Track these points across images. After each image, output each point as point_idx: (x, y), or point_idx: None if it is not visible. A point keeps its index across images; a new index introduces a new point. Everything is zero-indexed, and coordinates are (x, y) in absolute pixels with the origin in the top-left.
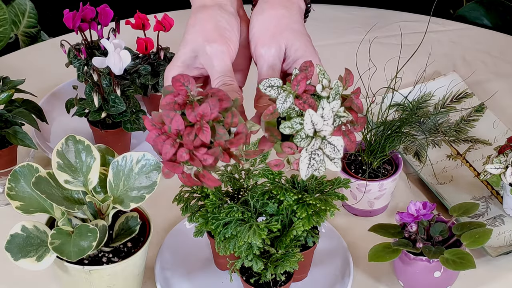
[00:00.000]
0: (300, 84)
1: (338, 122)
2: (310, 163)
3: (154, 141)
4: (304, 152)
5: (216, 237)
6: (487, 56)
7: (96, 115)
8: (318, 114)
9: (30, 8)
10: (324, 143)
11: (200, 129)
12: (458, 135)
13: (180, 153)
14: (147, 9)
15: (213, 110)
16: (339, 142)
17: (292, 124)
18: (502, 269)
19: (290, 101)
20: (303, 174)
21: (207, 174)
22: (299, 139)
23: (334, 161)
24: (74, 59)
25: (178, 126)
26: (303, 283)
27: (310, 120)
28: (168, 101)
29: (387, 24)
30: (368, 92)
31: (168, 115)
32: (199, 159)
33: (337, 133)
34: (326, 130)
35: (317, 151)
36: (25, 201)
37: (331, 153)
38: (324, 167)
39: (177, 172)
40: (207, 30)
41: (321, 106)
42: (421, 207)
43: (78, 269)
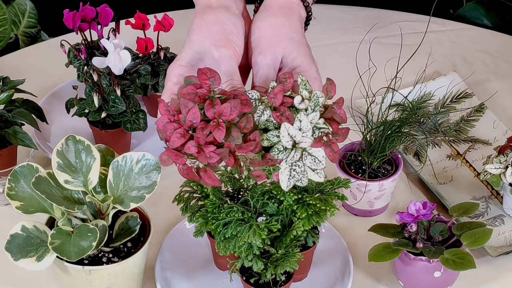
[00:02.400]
0: (277, 97)
1: (318, 133)
2: (290, 174)
3: (164, 127)
4: (284, 164)
5: (216, 237)
6: (487, 56)
7: (96, 115)
8: (295, 127)
9: (30, 8)
10: (304, 154)
11: (216, 127)
12: (458, 135)
13: (188, 145)
14: (147, 9)
15: (233, 112)
16: (319, 153)
17: (269, 137)
18: (502, 269)
19: (267, 114)
20: (283, 185)
21: (209, 172)
22: (276, 151)
23: (317, 172)
24: (74, 59)
25: (194, 118)
26: (303, 283)
27: (287, 133)
28: (189, 91)
29: (387, 24)
30: (368, 92)
31: (187, 105)
32: (206, 156)
33: (317, 144)
34: (306, 142)
35: (298, 162)
36: (25, 201)
37: (311, 164)
38: (306, 178)
39: (179, 163)
40: (214, 33)
41: (298, 118)
42: (421, 207)
43: (78, 269)
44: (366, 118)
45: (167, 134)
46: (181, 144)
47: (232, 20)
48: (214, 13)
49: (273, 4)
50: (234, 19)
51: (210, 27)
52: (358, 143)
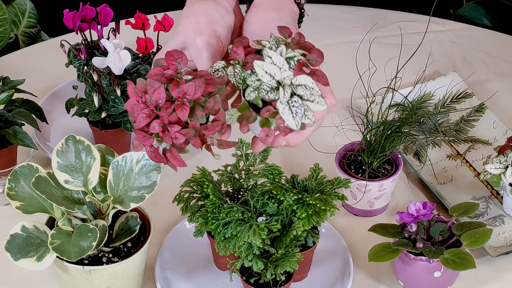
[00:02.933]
0: (239, 51)
1: (293, 63)
2: (292, 111)
3: (131, 108)
4: (280, 104)
5: (216, 237)
6: (487, 56)
7: (96, 115)
8: (268, 62)
9: (30, 8)
10: (294, 88)
11: (180, 106)
12: (458, 135)
13: (153, 125)
14: (147, 9)
15: (197, 91)
16: (307, 80)
17: (251, 84)
18: (502, 269)
19: (238, 71)
20: (292, 124)
21: (174, 153)
22: (264, 92)
23: (316, 101)
24: (74, 59)
25: (159, 98)
26: (303, 283)
27: (263, 71)
28: (156, 72)
29: (387, 24)
30: (368, 92)
31: (152, 85)
32: (171, 136)
33: (299, 72)
34: (287, 75)
35: (292, 98)
36: (25, 201)
37: (305, 93)
38: (310, 110)
39: (146, 144)
40: (199, 23)
41: (266, 55)
42: (421, 207)
43: (78, 269)
44: (366, 118)
45: (134, 115)
46: (147, 124)
47: (220, 12)
48: (202, 5)
49: (263, 1)
50: (222, 11)
51: (197, 17)
52: (358, 143)
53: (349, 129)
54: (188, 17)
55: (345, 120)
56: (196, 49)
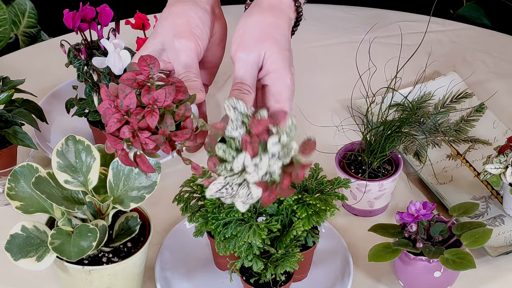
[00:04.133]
0: (259, 127)
1: (267, 178)
2: (221, 189)
3: (104, 112)
4: (221, 179)
5: (216, 237)
6: (487, 56)
7: (96, 115)
8: (253, 162)
9: (30, 8)
10: (243, 185)
11: (150, 113)
12: (458, 135)
13: (123, 130)
14: (147, 9)
15: (168, 98)
16: (257, 192)
17: (226, 152)
18: (502, 269)
19: (240, 132)
20: (208, 193)
21: (144, 159)
22: (222, 168)
23: (243, 203)
24: (74, 59)
25: (130, 104)
26: (303, 283)
27: (242, 161)
28: (128, 77)
29: (387, 24)
30: (368, 92)
31: (124, 90)
32: (140, 141)
33: (261, 185)
34: (253, 177)
35: (234, 185)
36: (25, 201)
37: (243, 196)
38: (231, 201)
39: (117, 148)
40: (177, 25)
41: (260, 156)
42: (421, 207)
43: (78, 269)
44: (366, 118)
45: (106, 119)
46: (117, 128)
47: (198, 14)
48: (181, 6)
49: (264, 2)
50: (201, 13)
51: (175, 19)
52: (358, 143)
53: (349, 129)
54: (166, 19)
55: (345, 120)
56: (174, 51)
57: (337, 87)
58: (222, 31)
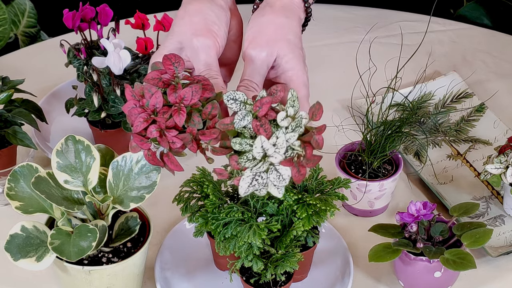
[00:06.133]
0: (263, 107)
1: (290, 153)
2: (251, 183)
3: (129, 112)
4: (248, 172)
5: (216, 237)
6: (487, 56)
7: (96, 115)
8: (271, 142)
9: (29, 8)
10: (271, 169)
11: (177, 111)
12: (458, 135)
13: (150, 129)
14: (147, 9)
15: (194, 96)
16: (286, 172)
17: (242, 143)
18: (502, 269)
19: (248, 120)
20: (241, 191)
21: (171, 157)
22: (245, 159)
23: (278, 188)
24: (73, 59)
25: (156, 103)
26: (303, 283)
27: (260, 145)
28: (153, 76)
29: (387, 24)
30: (368, 92)
31: (150, 90)
32: (168, 140)
33: (287, 163)
34: (276, 158)
35: (262, 173)
36: (24, 201)
37: (275, 180)
38: (265, 190)
39: (144, 148)
40: (195, 23)
41: (275, 135)
42: (422, 207)
43: (78, 269)
44: (366, 118)
45: (132, 119)
46: (144, 128)
47: (215, 11)
48: (197, 4)
49: (276, 3)
50: (217, 10)
51: (192, 17)
52: (358, 143)
53: (349, 129)
54: (183, 18)
55: (345, 120)
56: (193, 50)
57: (337, 87)
58: (238, 27)
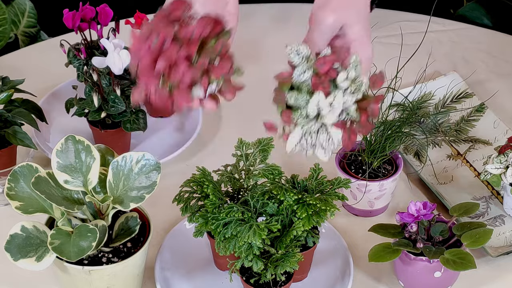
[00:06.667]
0: (325, 65)
1: (344, 117)
2: (300, 141)
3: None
4: (299, 129)
5: (216, 237)
6: (487, 56)
7: (96, 115)
8: (327, 101)
9: (29, 8)
10: (322, 129)
11: (188, 43)
12: (458, 135)
13: (159, 61)
14: (147, 9)
15: (206, 28)
16: (337, 134)
17: (298, 98)
18: (502, 269)
19: (308, 75)
20: (288, 147)
21: (181, 91)
22: (298, 114)
23: (325, 151)
24: (73, 59)
25: (166, 37)
26: (303, 283)
27: (316, 103)
28: (161, 16)
29: (387, 24)
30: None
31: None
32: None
33: (340, 125)
34: (330, 118)
35: (313, 133)
36: (24, 201)
37: (324, 141)
38: (312, 152)
39: (150, 85)
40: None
41: (334, 94)
42: (422, 207)
43: (78, 269)
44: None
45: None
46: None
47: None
48: None
49: None
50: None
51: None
52: (358, 143)
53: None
54: None
55: None
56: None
57: None
58: None
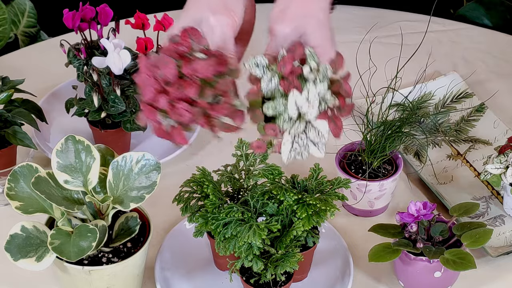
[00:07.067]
0: (286, 65)
1: (324, 106)
2: (292, 146)
3: (142, 81)
4: (287, 135)
5: (216, 237)
6: (487, 56)
7: (96, 115)
8: (303, 96)
9: (29, 7)
10: (308, 126)
11: (189, 83)
12: (458, 135)
13: (160, 99)
14: (147, 9)
15: (208, 70)
16: (323, 126)
17: (276, 105)
18: (502, 269)
19: (275, 81)
20: (284, 157)
21: (179, 130)
22: (281, 120)
23: (318, 146)
24: (73, 59)
25: (170, 73)
26: (303, 283)
27: (294, 102)
28: (170, 48)
29: (387, 24)
30: (368, 92)
31: (164, 61)
32: (177, 112)
33: (323, 117)
34: (311, 113)
35: (301, 134)
36: (24, 201)
37: (315, 137)
38: (307, 152)
39: (152, 118)
40: (211, 1)
41: (306, 88)
42: (422, 207)
43: (78, 270)
44: (366, 118)
45: (143, 88)
46: (154, 97)
47: None
48: None
49: None
50: None
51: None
52: (358, 143)
53: (349, 129)
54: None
55: (345, 120)
56: (209, 28)
57: None
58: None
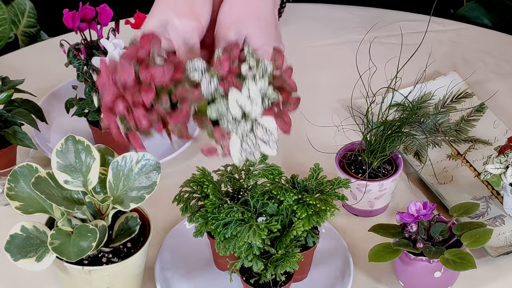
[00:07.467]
0: (223, 65)
1: (268, 103)
2: (242, 147)
3: (101, 85)
4: (234, 136)
5: (216, 237)
6: (487, 56)
7: (96, 115)
8: (244, 95)
9: (29, 7)
10: (255, 125)
11: (145, 89)
12: (458, 135)
13: (118, 104)
14: (147, 9)
15: (165, 76)
16: (271, 123)
17: (218, 107)
18: (502, 270)
19: (214, 83)
20: (235, 159)
21: (135, 136)
22: (225, 122)
23: (269, 144)
24: (73, 59)
25: (127, 79)
26: (303, 283)
27: (235, 101)
28: (129, 53)
29: (387, 24)
30: (368, 92)
31: (123, 65)
32: (134, 118)
33: (267, 112)
34: (255, 111)
35: (249, 134)
36: (24, 201)
37: (263, 135)
38: (259, 151)
39: (110, 122)
40: (178, 2)
41: (246, 86)
42: (421, 207)
43: (78, 270)
44: (366, 118)
45: (102, 92)
46: (112, 102)
47: None
48: None
49: None
50: None
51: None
52: (358, 143)
53: (349, 129)
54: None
55: (345, 120)
56: (175, 31)
57: (337, 87)
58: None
